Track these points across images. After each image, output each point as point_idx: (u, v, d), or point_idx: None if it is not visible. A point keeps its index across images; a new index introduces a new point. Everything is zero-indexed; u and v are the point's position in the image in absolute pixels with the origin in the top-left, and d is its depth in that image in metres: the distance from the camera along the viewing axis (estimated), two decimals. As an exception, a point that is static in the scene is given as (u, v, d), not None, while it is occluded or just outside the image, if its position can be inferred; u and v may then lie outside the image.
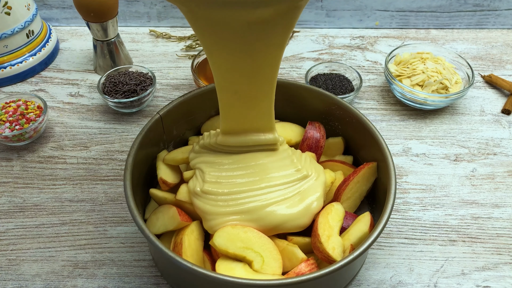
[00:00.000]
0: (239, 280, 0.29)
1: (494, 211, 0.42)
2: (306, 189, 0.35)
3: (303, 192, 0.35)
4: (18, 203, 0.43)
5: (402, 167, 0.46)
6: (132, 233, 0.40)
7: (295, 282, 0.29)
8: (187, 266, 0.29)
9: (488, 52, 0.60)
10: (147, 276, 0.37)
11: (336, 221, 0.34)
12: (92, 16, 0.50)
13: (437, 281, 0.37)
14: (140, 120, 0.51)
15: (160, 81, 0.55)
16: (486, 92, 0.55)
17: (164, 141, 0.41)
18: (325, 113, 0.43)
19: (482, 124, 0.51)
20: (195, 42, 0.61)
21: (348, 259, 0.30)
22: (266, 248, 0.33)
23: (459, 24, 0.64)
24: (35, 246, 0.39)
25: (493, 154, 0.48)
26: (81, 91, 0.54)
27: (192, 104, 0.41)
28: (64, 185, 0.44)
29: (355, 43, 0.62)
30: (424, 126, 0.50)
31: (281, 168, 0.35)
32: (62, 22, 0.64)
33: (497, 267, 0.38)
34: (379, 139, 0.37)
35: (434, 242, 0.40)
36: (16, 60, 0.55)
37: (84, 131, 0.49)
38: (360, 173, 0.38)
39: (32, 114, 0.47)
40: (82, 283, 0.37)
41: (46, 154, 0.47)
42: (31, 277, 0.37)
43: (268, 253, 0.33)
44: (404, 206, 0.43)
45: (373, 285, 0.37)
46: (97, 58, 0.55)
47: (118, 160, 0.47)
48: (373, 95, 0.54)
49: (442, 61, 0.53)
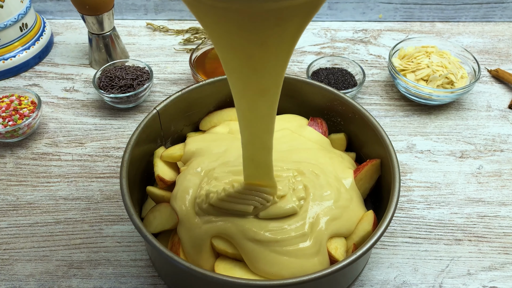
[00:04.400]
0: (239, 280, 0.28)
1: (501, 209, 0.41)
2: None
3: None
4: (11, 201, 0.42)
5: (406, 164, 0.45)
6: (128, 232, 0.39)
7: (296, 282, 0.28)
8: (185, 266, 0.29)
9: (494, 45, 0.59)
10: (144, 277, 0.37)
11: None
12: (87, 9, 0.50)
13: (442, 281, 0.36)
14: (136, 116, 0.50)
15: (158, 76, 0.54)
16: (492, 87, 0.54)
17: (161, 138, 0.40)
18: (327, 108, 0.42)
19: (489, 120, 0.50)
20: (193, 36, 0.60)
21: (350, 258, 0.29)
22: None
23: (465, 17, 0.63)
24: (29, 246, 0.39)
25: (500, 150, 0.47)
26: (76, 86, 0.53)
27: (190, 99, 0.41)
28: (59, 182, 0.43)
29: (358, 37, 0.61)
30: (429, 122, 0.50)
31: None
32: (57, 15, 0.63)
33: (504, 267, 0.37)
34: (383, 136, 0.37)
35: (439, 242, 0.39)
36: (9, 54, 0.54)
37: (79, 127, 0.49)
38: (363, 171, 0.37)
39: (26, 109, 0.47)
40: (77, 283, 0.36)
41: (40, 151, 0.46)
42: (25, 277, 0.36)
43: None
44: (408, 204, 0.42)
45: (377, 286, 0.36)
46: (92, 52, 0.54)
47: (114, 157, 0.46)
48: (376, 90, 0.53)
49: (447, 55, 0.52)
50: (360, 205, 0.35)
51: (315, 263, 0.31)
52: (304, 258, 0.31)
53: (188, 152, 0.38)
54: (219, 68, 0.52)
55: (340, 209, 0.33)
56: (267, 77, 0.24)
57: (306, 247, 0.31)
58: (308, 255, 0.31)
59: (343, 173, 0.36)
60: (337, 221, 0.33)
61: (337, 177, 0.35)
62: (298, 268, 0.31)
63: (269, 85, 0.25)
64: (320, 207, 0.33)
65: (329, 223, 0.32)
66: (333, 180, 0.35)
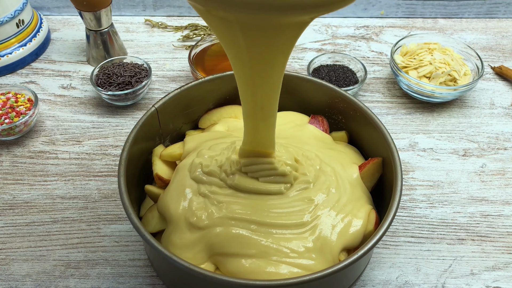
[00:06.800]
0: (239, 280, 0.28)
1: (504, 209, 0.41)
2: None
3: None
4: (8, 200, 0.41)
5: (408, 163, 0.45)
6: (126, 231, 0.39)
7: (296, 282, 0.28)
8: (184, 265, 0.28)
9: (498, 42, 0.59)
10: (143, 276, 0.36)
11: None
12: (85, 5, 0.49)
13: (445, 281, 0.36)
14: (135, 113, 0.49)
15: (156, 73, 0.54)
16: (496, 84, 0.53)
17: (160, 136, 0.40)
18: (328, 106, 0.41)
19: (492, 118, 0.49)
20: (192, 32, 0.59)
21: (352, 258, 0.29)
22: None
23: (468, 13, 0.62)
24: (26, 245, 0.38)
25: (503, 149, 0.46)
26: (74, 83, 0.53)
27: (190, 96, 0.40)
28: (56, 181, 0.43)
29: (359, 33, 0.60)
30: (431, 120, 0.49)
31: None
32: (54, 11, 0.62)
33: (507, 266, 0.37)
34: (385, 134, 0.36)
35: (442, 241, 0.39)
36: (5, 50, 0.53)
37: (77, 124, 0.48)
38: (364, 169, 0.36)
39: (23, 107, 0.46)
40: (75, 283, 0.36)
41: (37, 149, 0.46)
42: (21, 277, 0.36)
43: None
44: (410, 203, 0.41)
45: (379, 286, 0.36)
46: (90, 48, 0.54)
47: (112, 155, 0.45)
48: (378, 87, 0.52)
49: (450, 51, 0.51)
50: (366, 202, 0.35)
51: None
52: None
53: (188, 151, 0.37)
54: (219, 65, 0.52)
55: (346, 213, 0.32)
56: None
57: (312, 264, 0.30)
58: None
59: (349, 168, 0.36)
60: (345, 233, 0.32)
61: (342, 169, 0.35)
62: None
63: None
64: (328, 216, 0.32)
65: (339, 237, 0.31)
66: (339, 171, 0.34)
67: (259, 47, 0.24)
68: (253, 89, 0.27)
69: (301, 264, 0.30)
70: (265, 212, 0.31)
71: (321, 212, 0.32)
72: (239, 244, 0.30)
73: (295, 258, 0.30)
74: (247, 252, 0.30)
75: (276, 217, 0.31)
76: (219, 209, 0.31)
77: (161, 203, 0.34)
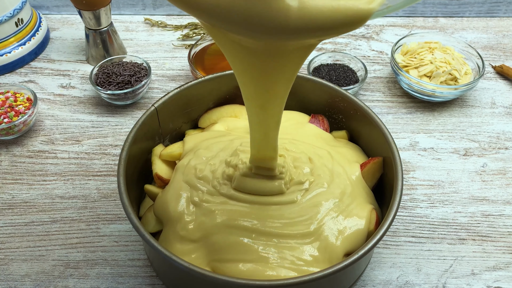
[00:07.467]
0: (239, 280, 0.28)
1: (505, 208, 0.41)
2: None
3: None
4: (7, 199, 0.41)
5: (409, 162, 0.44)
6: (126, 231, 0.39)
7: (296, 282, 0.28)
8: (184, 265, 0.28)
9: (499, 41, 0.58)
10: (142, 276, 0.36)
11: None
12: (84, 4, 0.49)
13: (446, 281, 0.36)
14: (134, 113, 0.49)
15: (156, 72, 0.54)
16: (497, 83, 0.53)
17: (159, 135, 0.40)
18: (328, 105, 0.41)
19: (493, 117, 0.49)
20: (192, 31, 0.59)
21: (352, 258, 0.29)
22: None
23: (469, 12, 0.62)
24: (25, 245, 0.38)
25: (504, 148, 0.46)
26: (73, 83, 0.53)
27: (189, 96, 0.40)
28: (55, 181, 0.43)
29: (360, 32, 0.60)
30: (432, 119, 0.49)
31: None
32: (53, 10, 0.62)
33: (508, 267, 0.37)
34: (385, 133, 0.36)
35: (442, 241, 0.38)
36: (5, 50, 0.53)
37: (76, 124, 0.48)
38: (365, 169, 0.36)
39: (22, 106, 0.46)
40: (74, 283, 0.36)
41: (36, 149, 0.46)
42: (20, 277, 0.36)
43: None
44: (411, 203, 0.41)
45: (379, 286, 0.36)
46: (89, 48, 0.54)
47: (111, 154, 0.45)
48: (378, 86, 0.52)
49: (451, 51, 0.51)
50: (367, 201, 0.34)
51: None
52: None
53: (187, 150, 0.37)
54: (218, 64, 0.52)
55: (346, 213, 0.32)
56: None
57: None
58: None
59: (351, 166, 0.35)
60: (349, 237, 0.32)
61: (347, 167, 0.35)
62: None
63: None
64: (329, 221, 0.31)
65: (343, 242, 0.31)
66: (340, 170, 0.34)
67: (267, 69, 0.24)
68: (262, 103, 0.27)
69: (302, 270, 0.30)
70: (268, 220, 0.31)
71: (328, 218, 0.32)
72: (237, 250, 0.30)
73: (300, 266, 0.30)
74: (245, 258, 0.30)
75: (280, 227, 0.31)
76: (210, 220, 0.31)
77: (159, 203, 0.34)
